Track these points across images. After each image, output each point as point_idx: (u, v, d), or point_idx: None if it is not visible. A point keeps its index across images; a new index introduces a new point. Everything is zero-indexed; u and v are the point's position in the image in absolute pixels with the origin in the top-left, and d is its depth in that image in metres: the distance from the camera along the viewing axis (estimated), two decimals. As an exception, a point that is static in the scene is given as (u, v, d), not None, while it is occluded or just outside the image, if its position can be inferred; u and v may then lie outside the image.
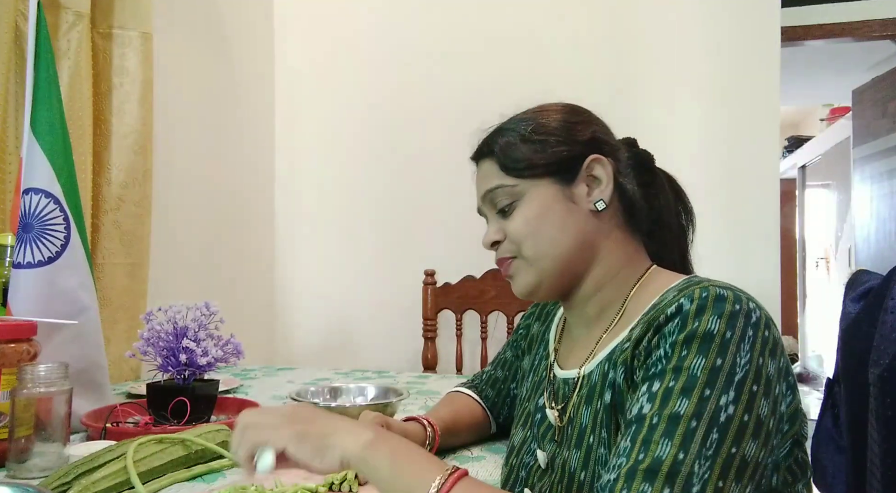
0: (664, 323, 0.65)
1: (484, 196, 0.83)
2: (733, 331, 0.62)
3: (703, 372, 0.61)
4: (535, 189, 0.78)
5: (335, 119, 2.47)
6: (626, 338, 0.72)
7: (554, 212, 0.78)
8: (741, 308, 0.63)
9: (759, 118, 2.13)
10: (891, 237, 3.63)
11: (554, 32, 2.28)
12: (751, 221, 2.12)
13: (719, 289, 0.65)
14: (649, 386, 0.63)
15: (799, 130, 6.17)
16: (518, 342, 1.04)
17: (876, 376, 0.82)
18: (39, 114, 1.15)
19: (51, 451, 0.90)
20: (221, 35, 2.22)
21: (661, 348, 0.64)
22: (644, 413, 0.61)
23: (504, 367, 1.07)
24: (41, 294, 1.11)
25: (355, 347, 2.42)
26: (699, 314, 0.63)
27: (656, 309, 0.68)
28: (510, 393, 1.06)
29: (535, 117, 0.81)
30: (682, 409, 0.60)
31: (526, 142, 0.79)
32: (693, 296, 0.65)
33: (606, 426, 0.70)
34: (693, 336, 0.62)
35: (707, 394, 0.60)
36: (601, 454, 0.69)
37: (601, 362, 0.75)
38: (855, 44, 3.41)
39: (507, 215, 0.80)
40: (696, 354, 0.61)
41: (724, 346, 0.61)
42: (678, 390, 0.61)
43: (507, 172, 0.79)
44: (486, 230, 0.84)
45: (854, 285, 1.00)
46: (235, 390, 1.52)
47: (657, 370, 0.63)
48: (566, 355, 0.85)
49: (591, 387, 0.74)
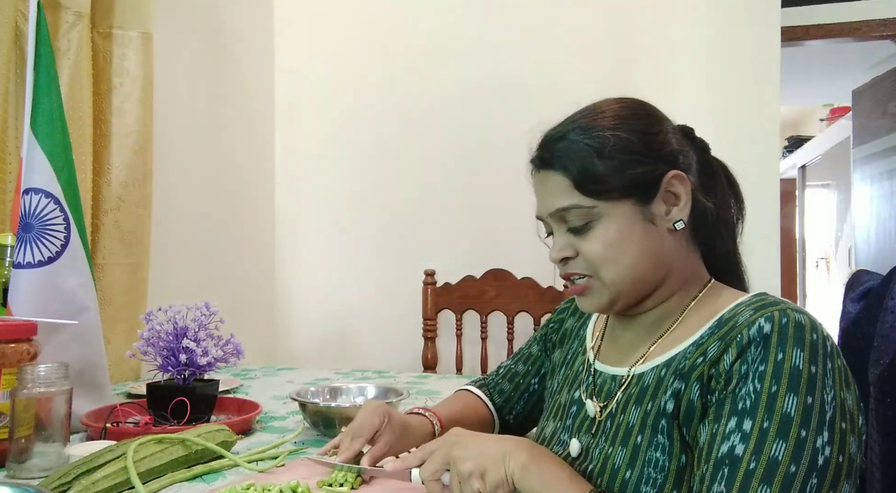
0: (746, 346, 0.65)
1: (553, 213, 0.78)
2: (817, 365, 0.62)
3: (797, 412, 0.60)
4: (614, 210, 0.75)
5: (335, 119, 2.47)
6: (694, 350, 0.71)
7: (634, 235, 0.75)
8: (818, 338, 0.64)
9: (759, 118, 2.13)
10: (891, 237, 3.63)
11: (554, 33, 2.28)
12: (751, 221, 2.10)
13: (797, 314, 0.65)
14: (739, 423, 0.62)
15: (799, 130, 6.17)
16: (549, 336, 1.03)
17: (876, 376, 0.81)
18: (39, 114, 1.15)
19: (51, 451, 0.90)
20: (221, 35, 2.22)
21: (748, 380, 0.64)
22: (738, 454, 0.61)
23: (527, 362, 1.06)
24: (41, 294, 1.11)
25: (355, 347, 2.42)
26: (781, 343, 0.63)
27: (731, 326, 0.68)
28: (529, 387, 1.05)
29: (607, 127, 0.76)
30: (780, 453, 0.59)
31: (603, 159, 0.74)
32: (773, 319, 0.65)
33: (664, 432, 0.70)
34: (780, 370, 0.62)
35: (803, 436, 0.60)
36: (654, 457, 0.69)
37: (658, 366, 0.75)
38: (855, 44, 3.41)
39: (581, 233, 0.76)
40: (787, 391, 0.61)
41: (812, 383, 0.62)
42: (774, 433, 0.60)
43: (582, 191, 0.75)
44: (553, 242, 0.80)
45: (854, 285, 1.00)
46: (235, 390, 1.52)
47: (747, 407, 0.63)
48: (609, 353, 0.85)
49: (643, 389, 0.74)
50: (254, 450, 1.00)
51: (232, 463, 0.93)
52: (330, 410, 1.14)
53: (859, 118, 3.98)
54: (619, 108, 0.79)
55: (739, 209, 0.87)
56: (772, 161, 2.15)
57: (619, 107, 0.79)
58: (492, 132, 2.23)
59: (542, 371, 1.04)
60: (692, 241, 0.80)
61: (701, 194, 0.79)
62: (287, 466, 0.94)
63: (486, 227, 2.28)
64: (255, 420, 1.18)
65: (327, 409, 1.14)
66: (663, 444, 0.69)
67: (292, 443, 1.05)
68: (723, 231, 0.83)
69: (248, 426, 1.15)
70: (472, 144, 2.31)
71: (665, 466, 0.68)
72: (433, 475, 0.73)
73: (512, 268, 2.11)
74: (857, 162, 4.07)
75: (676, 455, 0.68)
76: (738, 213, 0.87)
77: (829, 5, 3.19)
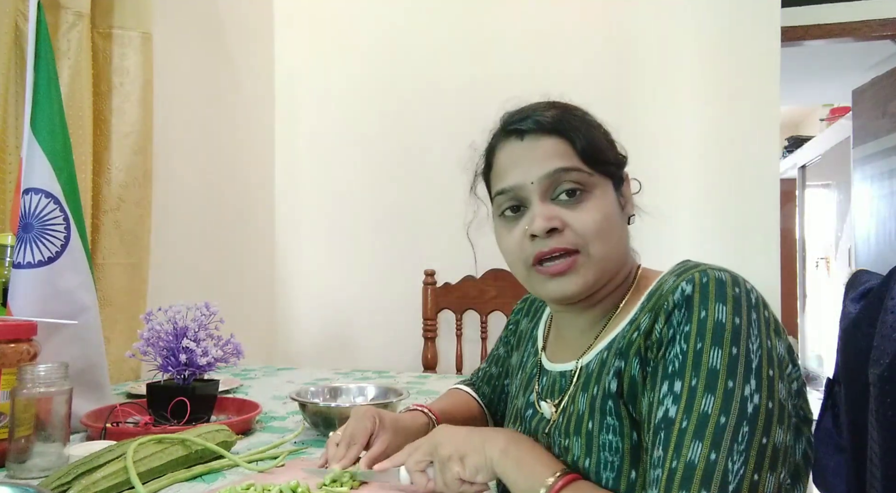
0: (671, 310, 0.66)
1: (548, 175, 0.74)
2: (741, 316, 0.63)
3: (723, 365, 0.61)
4: (604, 186, 0.77)
5: (335, 119, 2.47)
6: (630, 327, 0.72)
7: (616, 214, 0.78)
8: (741, 291, 0.64)
9: (759, 118, 2.13)
10: (891, 237, 3.63)
11: (553, 33, 2.28)
12: (751, 221, 2.12)
13: (717, 272, 0.66)
14: (670, 386, 0.63)
15: (799, 130, 6.17)
16: (508, 338, 1.04)
17: (876, 376, 0.82)
18: (39, 114, 1.15)
19: (51, 451, 0.90)
20: (221, 35, 2.22)
21: (675, 342, 0.64)
22: (671, 417, 0.61)
23: (497, 363, 1.08)
24: (41, 294, 1.11)
25: (355, 347, 2.42)
26: (704, 302, 0.64)
27: (658, 296, 0.69)
28: (504, 389, 1.06)
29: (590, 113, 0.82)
30: (709, 407, 0.60)
31: (600, 134, 0.79)
32: (694, 280, 0.66)
33: (612, 413, 0.70)
34: (703, 327, 0.63)
35: (730, 386, 0.60)
36: (607, 440, 0.70)
37: (600, 351, 0.76)
38: (855, 44, 3.41)
39: (571, 205, 0.74)
40: (711, 346, 0.62)
41: (736, 334, 0.62)
42: (702, 389, 0.61)
43: (584, 158, 0.75)
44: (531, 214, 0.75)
45: (854, 285, 1.00)
46: (235, 390, 1.52)
47: (675, 368, 0.63)
48: (555, 351, 0.86)
49: (588, 375, 0.75)
50: (254, 450, 1.00)
51: (232, 463, 0.93)
52: (330, 410, 1.14)
53: (859, 118, 3.98)
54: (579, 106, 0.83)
55: None
56: (772, 161, 2.15)
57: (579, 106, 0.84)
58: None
59: (509, 372, 1.04)
60: None
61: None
62: (287, 466, 0.94)
63: (486, 227, 2.28)
64: (255, 420, 1.18)
65: (327, 409, 1.14)
66: (613, 425, 0.69)
67: (292, 443, 1.05)
68: None
69: (248, 426, 1.15)
70: (473, 144, 2.30)
71: (619, 447, 0.69)
72: (417, 465, 0.75)
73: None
74: (857, 162, 4.07)
75: (628, 434, 0.68)
76: None
77: (829, 5, 3.19)
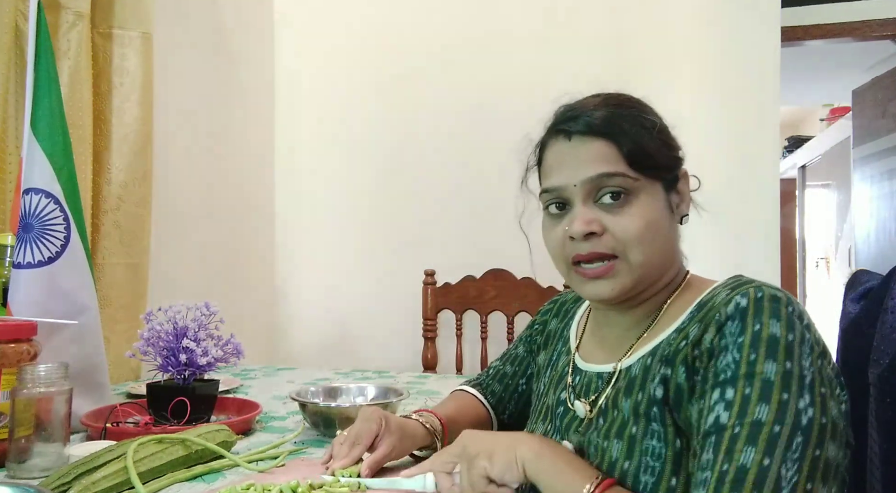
0: (724, 322, 0.66)
1: (592, 179, 0.74)
2: (794, 333, 0.63)
3: (777, 377, 0.61)
4: (651, 189, 0.75)
5: (335, 119, 2.47)
6: (676, 336, 0.72)
7: (664, 219, 0.76)
8: (794, 311, 0.65)
9: (759, 118, 2.13)
10: (891, 237, 3.63)
11: (554, 33, 2.28)
12: (751, 221, 2.12)
13: (772, 290, 0.66)
14: (722, 393, 0.63)
15: (799, 130, 6.17)
16: (533, 338, 1.03)
17: (876, 376, 0.81)
18: (39, 114, 1.15)
19: (51, 451, 0.90)
20: (221, 35, 2.22)
21: (727, 351, 0.64)
22: (723, 423, 0.62)
23: (514, 363, 1.07)
24: (41, 294, 1.11)
25: (355, 347, 2.42)
26: (758, 315, 0.64)
27: (710, 307, 0.69)
28: (518, 388, 1.06)
29: (647, 109, 0.79)
30: (763, 415, 0.60)
31: (650, 135, 0.76)
32: (748, 295, 0.66)
33: (657, 419, 0.70)
34: (758, 339, 0.63)
35: (785, 398, 0.60)
36: (650, 445, 0.70)
37: (643, 356, 0.75)
38: (855, 44, 3.41)
39: (614, 209, 0.74)
40: (766, 358, 0.62)
41: (790, 349, 0.62)
42: (756, 398, 0.61)
43: (631, 162, 0.74)
44: (573, 215, 0.75)
45: (854, 285, 1.00)
46: (235, 390, 1.52)
47: (728, 377, 0.63)
48: (592, 351, 0.86)
49: (631, 380, 0.75)
50: (254, 450, 1.00)
51: (232, 463, 0.93)
52: (330, 410, 1.14)
53: (859, 118, 3.98)
54: (639, 99, 0.81)
55: None
56: (772, 161, 2.15)
57: (637, 99, 0.81)
58: (492, 132, 2.23)
59: (528, 372, 1.04)
60: None
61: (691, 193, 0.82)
62: (287, 466, 0.94)
63: (486, 227, 2.28)
64: (255, 420, 1.18)
65: (327, 409, 1.14)
66: (658, 431, 0.70)
67: (292, 443, 1.05)
68: None
69: (248, 426, 1.15)
70: (473, 144, 2.31)
71: (662, 453, 0.69)
72: (443, 465, 0.75)
73: (512, 268, 2.11)
74: (857, 162, 4.07)
75: (672, 441, 0.69)
76: None
77: (829, 5, 3.18)
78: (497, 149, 2.08)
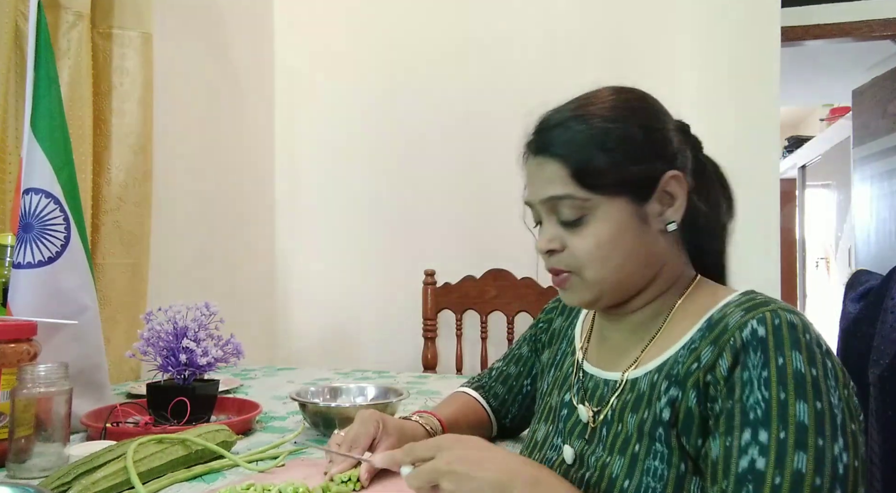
0: (741, 350, 0.64)
1: (545, 201, 0.75)
2: (817, 368, 0.62)
3: (810, 420, 0.60)
4: (609, 206, 0.72)
5: (335, 119, 2.47)
6: (687, 355, 0.69)
7: (626, 235, 0.73)
8: (812, 338, 0.64)
9: (759, 118, 2.13)
10: (891, 237, 3.63)
11: (554, 33, 2.28)
12: (751, 221, 2.11)
13: (788, 314, 0.64)
14: (754, 434, 0.61)
15: (799, 130, 6.17)
16: (538, 336, 1.01)
17: (876, 377, 0.82)
18: (39, 114, 1.15)
19: (51, 451, 0.90)
20: (221, 35, 2.22)
21: (753, 387, 0.62)
22: (760, 469, 0.60)
23: (518, 363, 1.05)
24: (41, 294, 1.11)
25: (355, 347, 2.42)
26: (779, 347, 0.62)
27: (722, 329, 0.67)
28: (522, 389, 1.04)
29: (613, 119, 0.73)
30: (803, 466, 0.59)
31: (604, 151, 0.72)
32: (766, 321, 0.64)
33: (661, 440, 0.68)
34: (784, 376, 0.61)
35: (821, 445, 0.59)
36: (653, 466, 0.68)
37: (651, 371, 0.73)
38: (855, 44, 3.41)
39: (572, 227, 0.74)
40: (796, 398, 0.61)
41: (817, 387, 0.61)
42: (792, 443, 0.59)
43: (579, 182, 0.72)
44: (540, 231, 0.77)
45: (854, 285, 1.00)
46: (235, 390, 1.52)
47: (759, 416, 0.61)
48: (597, 355, 0.83)
49: (638, 395, 0.73)
50: (254, 450, 1.00)
51: (232, 463, 0.93)
52: (330, 410, 1.14)
53: (859, 118, 3.98)
54: (623, 99, 0.76)
55: (730, 209, 0.84)
56: (772, 161, 2.15)
57: (621, 98, 0.76)
58: (492, 132, 2.23)
59: (533, 372, 1.03)
60: (681, 240, 0.78)
61: (695, 195, 0.76)
62: (287, 466, 0.94)
63: (486, 227, 2.28)
64: (255, 420, 1.18)
65: (327, 409, 1.14)
66: (661, 452, 0.68)
67: (292, 443, 1.05)
68: (715, 231, 0.82)
69: (248, 426, 1.15)
70: (473, 144, 2.31)
71: (664, 475, 0.67)
72: (419, 490, 0.69)
73: (512, 268, 2.11)
74: (857, 162, 4.07)
75: (675, 464, 0.67)
76: (729, 212, 0.84)
77: (829, 5, 3.18)
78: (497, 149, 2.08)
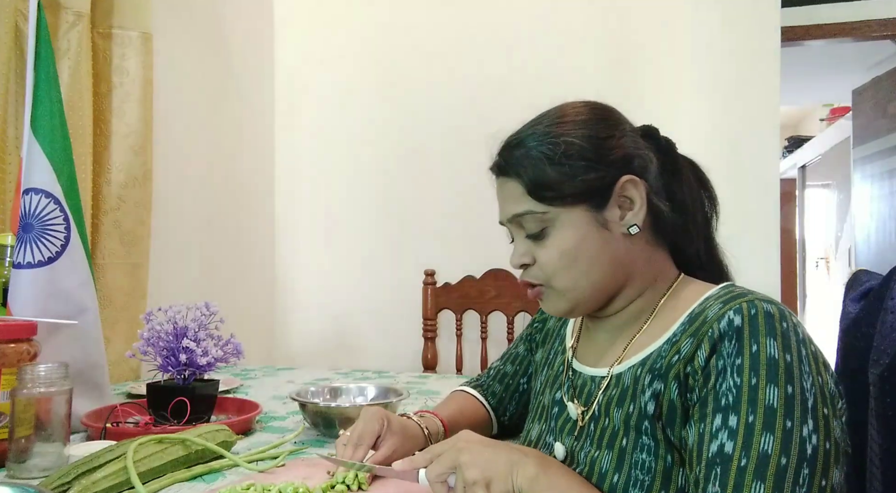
0: (718, 340, 0.65)
1: (511, 219, 0.80)
2: (791, 353, 0.63)
3: (780, 403, 0.61)
4: (567, 216, 0.76)
5: (335, 119, 2.47)
6: (669, 348, 0.71)
7: (587, 242, 0.76)
8: (788, 326, 0.64)
9: (759, 118, 2.13)
10: (891, 237, 3.63)
11: (554, 33, 2.28)
12: (751, 221, 2.12)
13: (765, 304, 0.66)
14: (724, 419, 0.63)
15: (799, 130, 6.17)
16: (533, 336, 1.04)
17: (876, 376, 0.82)
18: (39, 114, 1.15)
19: (51, 451, 0.90)
20: (221, 35, 2.22)
21: (727, 374, 0.64)
22: (728, 452, 0.61)
23: (515, 362, 1.07)
24: (41, 294, 1.11)
25: (355, 347, 2.42)
26: (754, 335, 0.64)
27: (701, 321, 0.69)
28: (519, 387, 1.06)
29: (560, 134, 0.77)
30: (769, 447, 0.60)
31: (554, 165, 0.76)
32: (742, 311, 0.65)
33: (647, 433, 0.70)
34: (757, 362, 0.63)
35: (789, 427, 0.60)
36: (640, 458, 0.70)
37: (634, 366, 0.75)
38: (855, 44, 3.41)
39: (538, 240, 0.78)
40: (767, 382, 0.62)
41: (790, 372, 0.62)
42: (760, 426, 0.61)
43: (535, 197, 0.77)
44: (513, 248, 0.82)
45: (854, 285, 1.00)
46: (235, 390, 1.52)
47: (730, 402, 0.63)
48: (586, 353, 0.86)
49: (623, 390, 0.75)
50: (254, 450, 1.00)
51: (232, 463, 0.93)
52: (330, 410, 1.14)
53: (859, 118, 3.98)
54: (576, 112, 0.80)
55: (712, 204, 0.86)
56: (772, 161, 2.15)
57: (575, 112, 0.80)
58: (492, 132, 2.23)
59: (529, 371, 1.05)
60: (655, 240, 0.80)
61: (656, 196, 0.78)
62: (287, 466, 0.94)
63: (486, 227, 2.28)
64: (255, 420, 1.18)
65: (327, 409, 1.14)
66: (648, 445, 0.70)
67: (292, 443, 1.05)
68: (691, 228, 0.83)
69: (248, 426, 1.15)
70: (473, 144, 2.30)
71: (651, 467, 0.69)
72: (438, 477, 0.73)
73: (512, 268, 2.11)
74: (857, 162, 4.07)
75: (662, 456, 0.69)
76: (712, 208, 0.86)
77: (829, 5, 3.18)
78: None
